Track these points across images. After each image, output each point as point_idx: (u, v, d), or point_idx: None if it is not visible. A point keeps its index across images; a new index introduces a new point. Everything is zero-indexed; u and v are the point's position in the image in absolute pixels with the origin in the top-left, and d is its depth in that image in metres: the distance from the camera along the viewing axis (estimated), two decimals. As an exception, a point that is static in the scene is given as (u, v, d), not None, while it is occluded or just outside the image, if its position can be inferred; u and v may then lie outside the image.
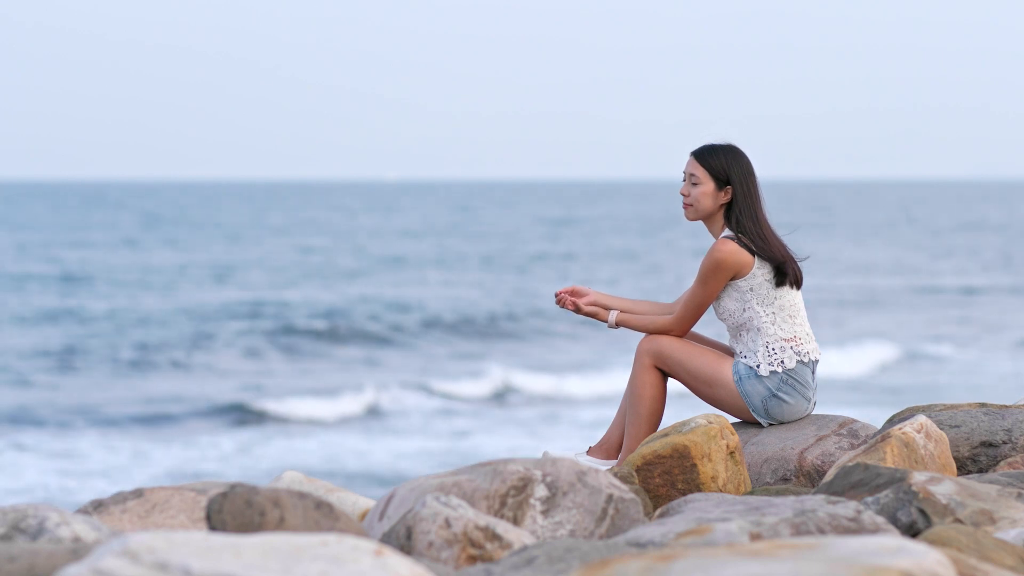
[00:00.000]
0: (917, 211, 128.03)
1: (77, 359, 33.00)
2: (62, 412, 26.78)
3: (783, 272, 7.11)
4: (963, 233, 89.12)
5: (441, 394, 28.88)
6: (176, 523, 5.76)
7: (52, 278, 52.92)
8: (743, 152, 7.26)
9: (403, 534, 4.84)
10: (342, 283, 52.78)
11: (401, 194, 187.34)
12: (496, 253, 68.79)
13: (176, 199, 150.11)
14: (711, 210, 7.21)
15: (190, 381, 30.85)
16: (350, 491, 6.41)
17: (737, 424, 7.28)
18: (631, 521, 5.21)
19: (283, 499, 4.66)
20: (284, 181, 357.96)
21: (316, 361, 34.04)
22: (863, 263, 62.33)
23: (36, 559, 4.29)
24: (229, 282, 52.58)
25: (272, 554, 3.84)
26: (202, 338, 36.47)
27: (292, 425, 25.91)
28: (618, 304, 7.43)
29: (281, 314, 41.72)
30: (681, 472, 6.47)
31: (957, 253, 70.74)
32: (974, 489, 5.19)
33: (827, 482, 5.59)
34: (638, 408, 7.14)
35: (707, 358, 7.16)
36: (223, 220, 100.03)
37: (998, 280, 55.65)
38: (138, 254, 65.24)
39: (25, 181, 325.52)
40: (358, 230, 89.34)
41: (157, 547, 3.78)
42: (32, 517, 4.94)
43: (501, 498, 5.18)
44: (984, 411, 6.86)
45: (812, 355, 7.17)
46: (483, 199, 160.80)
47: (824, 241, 76.24)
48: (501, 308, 43.54)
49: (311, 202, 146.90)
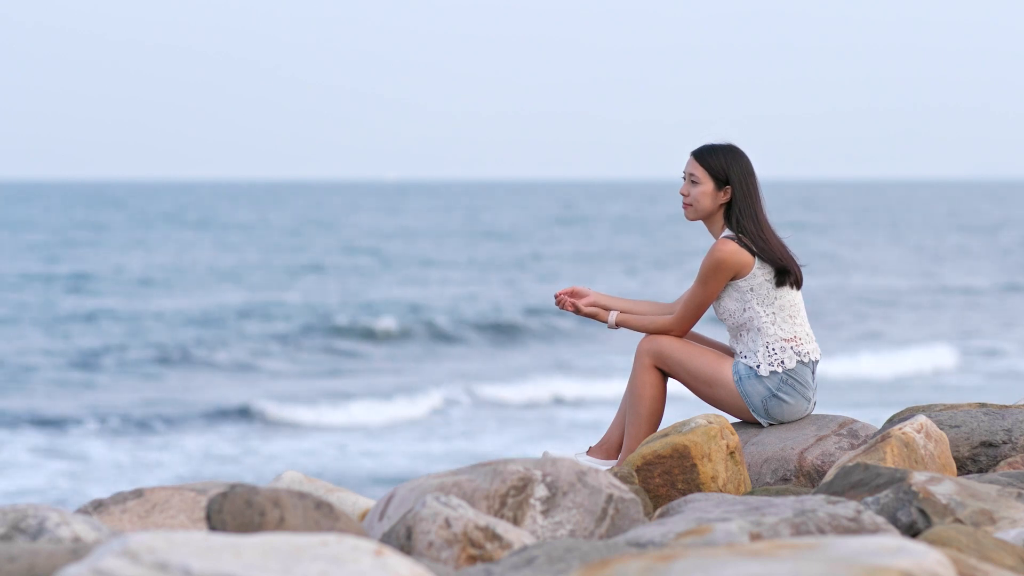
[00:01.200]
0: (950, 210, 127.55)
1: (103, 360, 32.95)
2: (62, 412, 26.79)
3: (784, 272, 7.11)
4: (992, 233, 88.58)
5: (492, 401, 28.61)
6: (176, 523, 5.76)
7: (58, 278, 52.92)
8: (743, 152, 7.26)
9: (403, 534, 4.84)
10: (379, 283, 52.68)
11: (402, 194, 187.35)
12: (504, 253, 68.73)
13: (179, 199, 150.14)
14: (711, 210, 7.21)
15: (210, 381, 30.82)
16: (350, 491, 6.41)
17: (737, 424, 7.29)
18: (631, 521, 5.21)
19: (283, 499, 4.66)
20: (284, 181, 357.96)
21: (333, 363, 33.91)
22: (922, 268, 61.57)
23: (36, 559, 4.29)
24: (238, 282, 52.52)
25: (272, 554, 3.84)
26: (215, 339, 36.45)
27: (297, 428, 25.91)
28: (618, 304, 7.43)
29: (290, 315, 41.70)
30: (681, 472, 6.47)
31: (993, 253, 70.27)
32: (974, 489, 5.19)
33: (827, 482, 5.59)
34: (638, 408, 7.14)
35: (707, 358, 7.16)
36: (231, 220, 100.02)
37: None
38: (152, 254, 65.21)
39: (25, 181, 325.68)
40: (375, 230, 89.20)
41: (157, 547, 3.78)
42: (32, 517, 4.94)
43: (501, 498, 5.18)
44: (984, 411, 6.86)
45: (812, 355, 7.17)
46: (484, 199, 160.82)
47: (890, 245, 75.84)
48: (522, 308, 43.40)
49: (310, 203, 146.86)
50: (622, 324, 7.36)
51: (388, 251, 69.80)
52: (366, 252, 68.87)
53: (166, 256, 64.00)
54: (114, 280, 52.63)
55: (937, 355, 34.28)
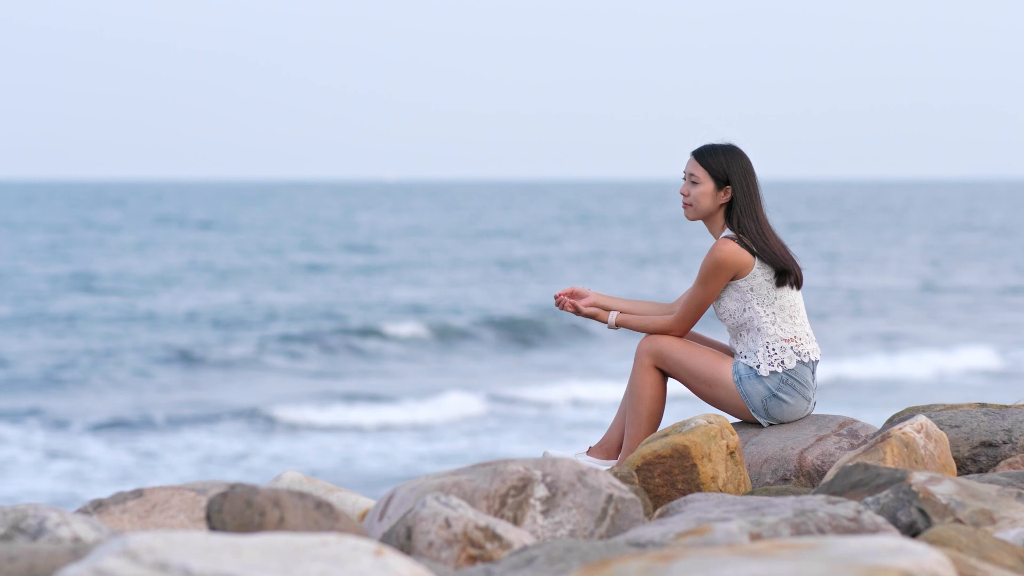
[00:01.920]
0: (969, 210, 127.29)
1: (104, 360, 32.94)
2: (62, 411, 26.79)
3: (784, 272, 7.11)
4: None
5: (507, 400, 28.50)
6: (176, 523, 5.76)
7: (61, 277, 52.92)
8: (744, 152, 7.26)
9: (403, 534, 4.84)
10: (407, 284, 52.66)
11: (405, 193, 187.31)
12: (511, 253, 68.67)
13: (179, 199, 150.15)
14: (710, 210, 7.21)
15: (214, 381, 30.81)
16: (350, 491, 6.42)
17: (737, 424, 7.29)
18: (631, 521, 5.21)
19: (283, 499, 4.66)
20: (284, 181, 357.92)
21: (348, 364, 33.84)
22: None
23: (36, 559, 4.29)
24: (240, 284, 52.49)
25: (272, 554, 3.84)
26: (220, 339, 36.44)
27: (297, 428, 25.90)
28: (618, 305, 7.42)
29: (293, 316, 41.70)
30: (681, 472, 6.47)
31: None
32: (974, 489, 5.19)
33: (827, 482, 5.59)
34: (638, 408, 7.14)
35: (707, 358, 7.16)
36: (233, 221, 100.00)
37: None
38: (155, 254, 65.20)
39: (25, 181, 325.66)
40: (381, 230, 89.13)
41: (157, 547, 3.78)
42: (32, 517, 4.94)
43: (501, 498, 5.18)
44: (984, 411, 6.86)
45: (812, 355, 7.17)
46: (484, 200, 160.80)
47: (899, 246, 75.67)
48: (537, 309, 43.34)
49: (311, 203, 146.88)
50: (622, 324, 7.36)
51: (395, 250, 69.72)
52: (374, 252, 68.84)
53: (167, 256, 63.99)
54: (116, 280, 52.62)
55: (977, 355, 33.99)
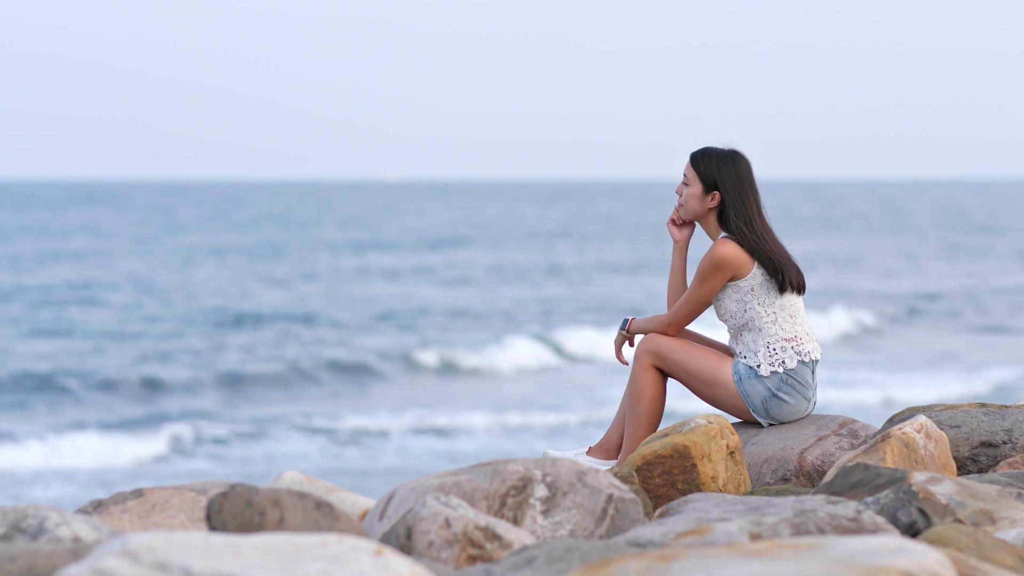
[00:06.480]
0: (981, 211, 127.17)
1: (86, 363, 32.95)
2: (63, 411, 26.79)
3: (782, 277, 7.09)
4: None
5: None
6: (176, 523, 5.76)
7: (61, 277, 52.91)
8: (742, 157, 7.24)
9: (403, 534, 4.85)
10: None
11: (404, 194, 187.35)
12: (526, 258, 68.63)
13: (178, 199, 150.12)
14: (699, 212, 7.24)
15: (213, 381, 30.77)
16: (350, 491, 6.42)
17: (737, 424, 7.29)
18: (631, 521, 5.21)
19: (283, 499, 4.67)
20: (284, 181, 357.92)
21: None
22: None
23: (36, 559, 4.29)
24: (242, 284, 52.47)
25: (272, 554, 3.84)
26: (222, 341, 36.42)
27: (298, 428, 25.88)
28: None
29: (296, 316, 41.70)
30: (681, 472, 6.47)
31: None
32: (974, 489, 5.19)
33: (827, 482, 5.59)
34: (638, 408, 7.14)
35: (707, 358, 7.16)
36: (235, 220, 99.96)
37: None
38: (149, 259, 65.18)
39: (25, 181, 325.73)
40: (386, 229, 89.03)
41: (157, 547, 3.78)
42: (32, 517, 4.94)
43: (501, 498, 5.18)
44: (984, 411, 6.86)
45: (813, 355, 7.17)
46: (487, 199, 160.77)
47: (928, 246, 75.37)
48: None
49: (316, 202, 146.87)
50: (634, 329, 7.37)
51: (412, 254, 69.61)
52: (388, 253, 68.80)
53: (163, 259, 63.94)
54: (117, 280, 52.62)
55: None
